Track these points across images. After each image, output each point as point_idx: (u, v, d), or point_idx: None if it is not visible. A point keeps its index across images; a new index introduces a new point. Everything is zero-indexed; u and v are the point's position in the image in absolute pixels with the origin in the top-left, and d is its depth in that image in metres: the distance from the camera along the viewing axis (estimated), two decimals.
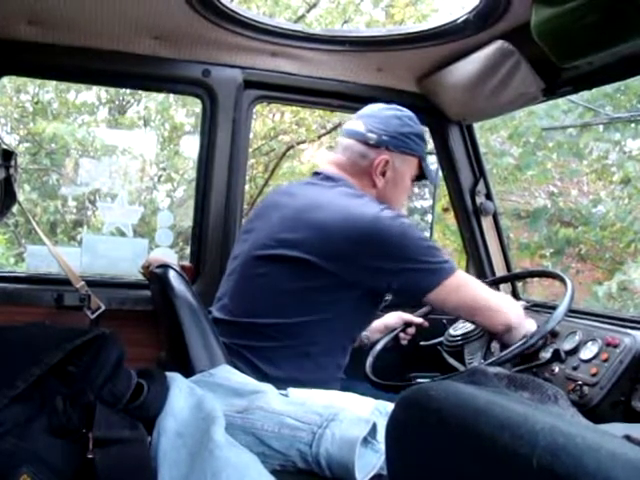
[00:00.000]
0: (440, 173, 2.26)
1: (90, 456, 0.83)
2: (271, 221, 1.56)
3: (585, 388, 1.56)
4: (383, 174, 1.61)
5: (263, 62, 1.99)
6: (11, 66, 1.92)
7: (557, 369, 1.67)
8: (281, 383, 1.21)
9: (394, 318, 1.92)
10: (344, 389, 1.27)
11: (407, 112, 1.65)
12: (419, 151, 1.65)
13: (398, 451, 0.60)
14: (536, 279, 4.96)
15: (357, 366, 1.78)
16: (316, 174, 1.64)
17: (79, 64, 1.91)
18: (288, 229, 1.49)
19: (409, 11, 5.79)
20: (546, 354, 1.70)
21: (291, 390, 1.16)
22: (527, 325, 1.56)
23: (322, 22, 5.61)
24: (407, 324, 1.91)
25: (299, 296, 1.47)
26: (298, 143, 5.90)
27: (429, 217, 2.40)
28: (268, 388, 1.14)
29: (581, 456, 0.42)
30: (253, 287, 1.53)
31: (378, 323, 1.89)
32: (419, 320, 1.92)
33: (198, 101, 2.07)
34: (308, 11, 5.73)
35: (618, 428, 1.14)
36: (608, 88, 5.09)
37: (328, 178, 1.59)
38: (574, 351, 1.67)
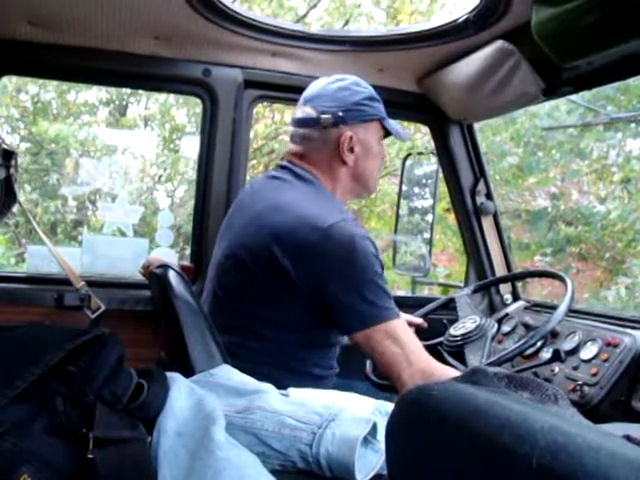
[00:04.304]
0: (440, 173, 2.26)
1: (90, 456, 0.84)
2: (235, 227, 1.55)
3: (585, 388, 1.56)
4: (351, 150, 1.54)
5: (263, 62, 1.99)
6: (11, 66, 1.92)
7: (557, 369, 1.67)
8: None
9: None
10: (343, 389, 1.27)
11: (351, 78, 1.57)
12: (377, 113, 1.57)
13: (398, 451, 0.60)
14: (536, 279, 4.97)
15: (357, 366, 1.78)
16: (282, 167, 1.58)
17: (79, 64, 1.91)
18: (248, 235, 1.47)
19: (415, 19, 5.78)
20: (546, 354, 1.70)
21: (291, 390, 1.16)
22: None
23: (324, 24, 5.61)
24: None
25: (258, 300, 1.44)
26: None
27: (430, 217, 2.39)
28: (269, 388, 1.14)
29: (581, 456, 0.42)
30: (224, 301, 1.52)
31: None
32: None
33: (199, 102, 2.07)
34: (308, 11, 5.73)
35: (618, 428, 1.14)
36: (608, 89, 5.09)
37: (293, 173, 1.53)
38: (574, 351, 1.67)
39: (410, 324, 1.90)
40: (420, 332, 1.93)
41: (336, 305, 1.38)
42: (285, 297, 1.42)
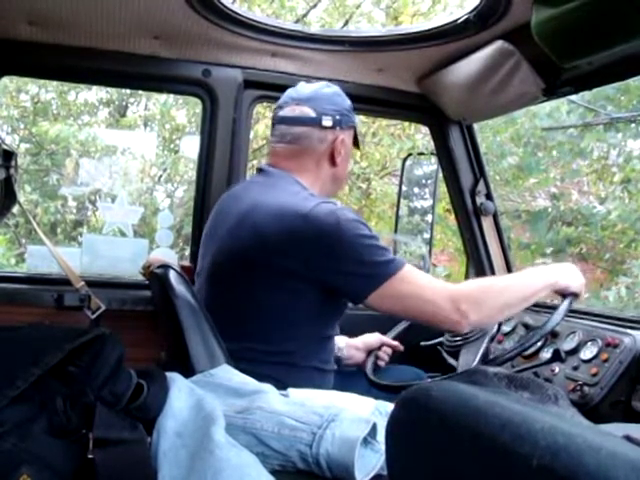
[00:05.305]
0: (440, 173, 2.26)
1: (90, 456, 0.84)
2: (218, 235, 1.56)
3: (585, 388, 1.56)
4: (339, 152, 1.61)
5: (263, 62, 1.99)
6: (11, 66, 1.92)
7: (557, 369, 1.67)
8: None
9: (373, 337, 1.86)
10: (343, 389, 1.27)
11: (333, 86, 1.66)
12: (355, 121, 1.66)
13: (398, 451, 0.60)
14: None
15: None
16: (260, 171, 1.62)
17: (79, 64, 1.91)
18: (235, 238, 1.49)
19: (417, 19, 5.76)
20: (546, 354, 1.70)
21: (291, 390, 1.16)
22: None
23: (324, 24, 5.60)
24: (383, 344, 1.84)
25: (257, 302, 1.46)
26: None
27: (430, 217, 2.39)
28: (268, 388, 1.14)
29: (581, 456, 0.42)
30: (218, 309, 1.51)
31: (356, 340, 1.84)
32: (394, 343, 1.85)
33: (199, 102, 2.07)
34: (308, 11, 5.73)
35: (618, 428, 1.14)
36: (608, 89, 5.09)
37: (270, 175, 1.57)
38: (574, 351, 1.67)
39: (387, 345, 1.85)
40: (420, 332, 1.93)
41: (339, 278, 1.42)
42: (282, 293, 1.44)
